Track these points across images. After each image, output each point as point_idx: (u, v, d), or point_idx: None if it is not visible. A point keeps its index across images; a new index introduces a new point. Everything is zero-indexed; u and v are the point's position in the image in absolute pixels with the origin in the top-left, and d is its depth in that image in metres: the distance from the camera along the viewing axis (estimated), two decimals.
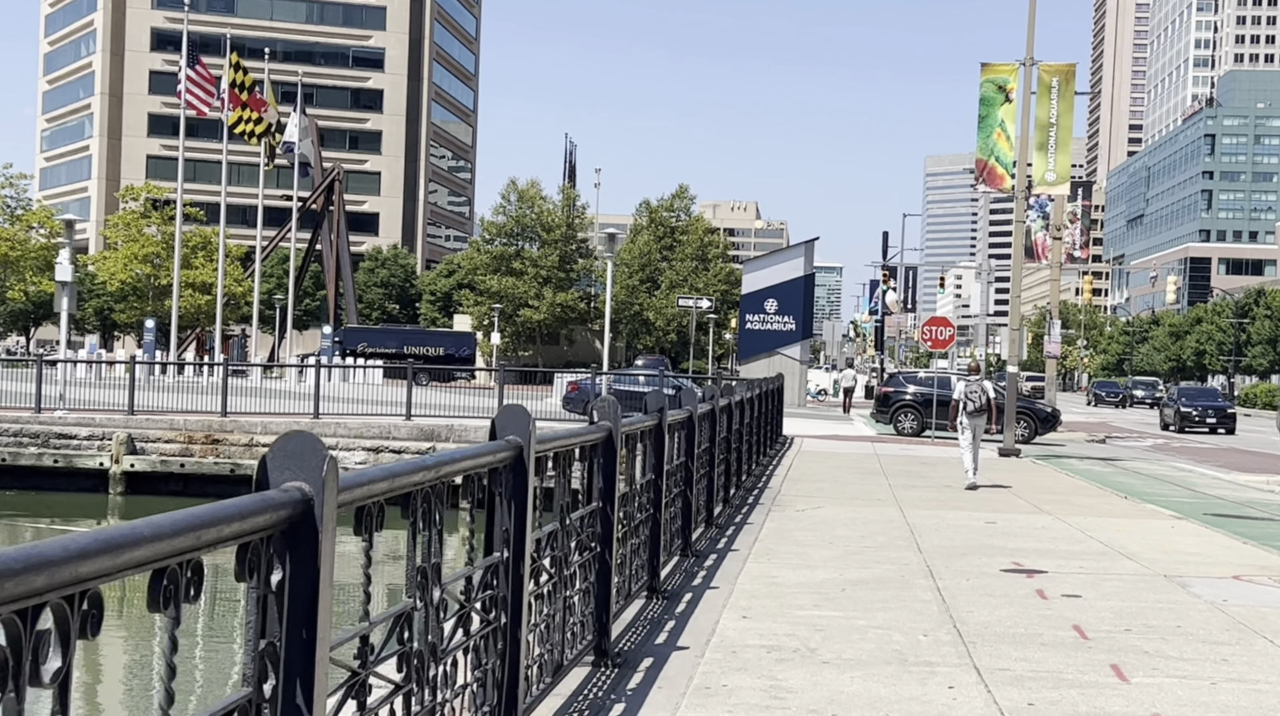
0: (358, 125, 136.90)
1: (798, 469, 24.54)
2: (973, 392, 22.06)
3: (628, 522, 9.07)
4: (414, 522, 4.30)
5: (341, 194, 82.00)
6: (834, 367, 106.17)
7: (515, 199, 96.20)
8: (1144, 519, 17.90)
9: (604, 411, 8.16)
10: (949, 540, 14.66)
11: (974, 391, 22.07)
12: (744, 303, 65.64)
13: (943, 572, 12.17)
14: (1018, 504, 19.36)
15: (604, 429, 7.96)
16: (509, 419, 5.77)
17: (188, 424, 33.68)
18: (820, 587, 11.14)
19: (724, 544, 13.82)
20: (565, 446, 6.87)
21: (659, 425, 10.33)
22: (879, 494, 20.19)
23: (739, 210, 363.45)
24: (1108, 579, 12.10)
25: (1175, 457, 37.12)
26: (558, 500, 6.81)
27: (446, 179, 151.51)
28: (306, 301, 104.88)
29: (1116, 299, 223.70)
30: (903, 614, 10.01)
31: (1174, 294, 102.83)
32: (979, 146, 30.64)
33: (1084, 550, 14.15)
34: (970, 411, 21.89)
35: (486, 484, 5.56)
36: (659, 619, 9.53)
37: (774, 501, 18.37)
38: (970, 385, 22.29)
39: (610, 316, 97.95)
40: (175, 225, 58.81)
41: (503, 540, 5.66)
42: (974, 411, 21.89)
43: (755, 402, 22.11)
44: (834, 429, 41.41)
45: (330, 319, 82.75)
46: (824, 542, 14.12)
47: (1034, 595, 11.07)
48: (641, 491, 9.82)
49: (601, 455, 7.99)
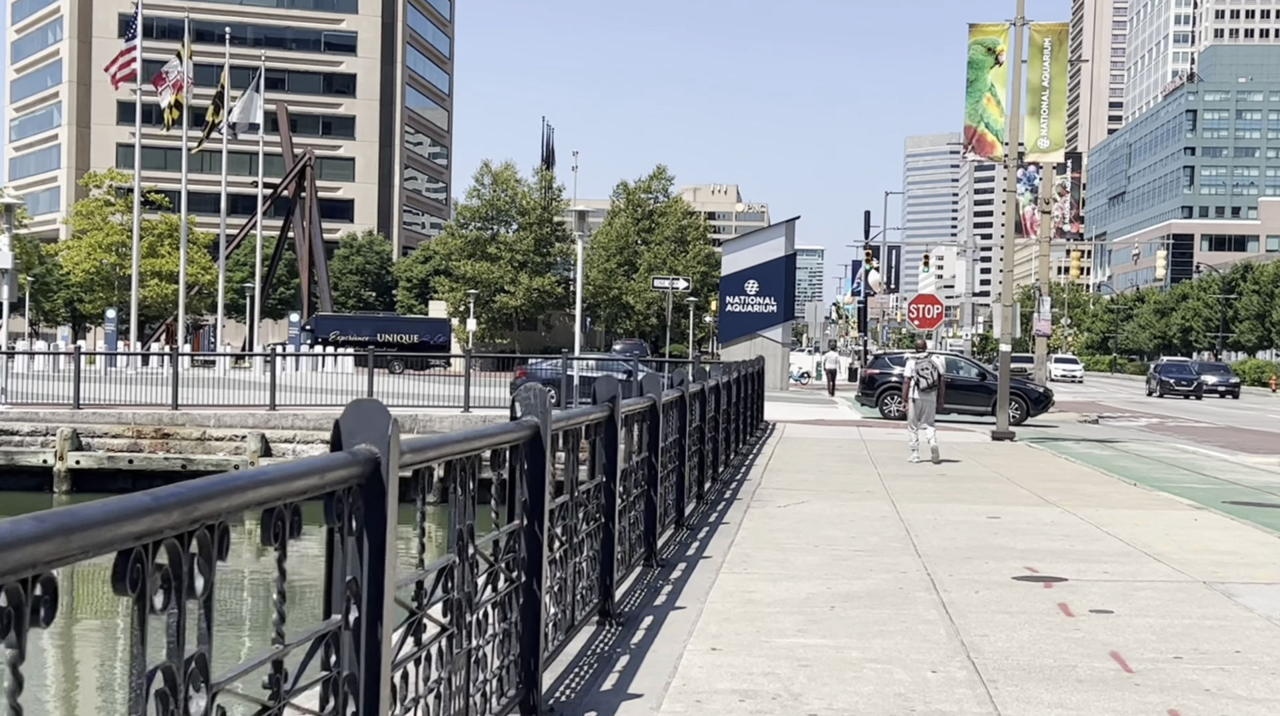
0: (330, 110, 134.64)
1: (780, 457, 22.87)
2: (924, 370, 22.41)
3: (566, 538, 7.38)
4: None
5: (314, 180, 79.96)
6: (816, 350, 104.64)
7: (489, 182, 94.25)
8: (1161, 510, 16.26)
9: (529, 403, 6.45)
10: (950, 540, 13.00)
11: (925, 368, 22.42)
12: (724, 284, 63.89)
13: (947, 582, 10.50)
14: (1020, 495, 17.70)
15: (527, 427, 6.25)
16: (360, 421, 4.05)
17: (137, 418, 31.90)
18: (805, 605, 9.46)
19: (695, 549, 12.13)
20: (467, 451, 5.18)
21: (610, 417, 8.64)
22: (868, 485, 18.52)
23: (719, 193, 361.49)
24: (1139, 587, 10.43)
25: (1173, 438, 35.56)
26: (452, 524, 5.12)
27: (422, 164, 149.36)
28: (281, 289, 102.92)
29: (1099, 277, 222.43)
30: (904, 640, 8.33)
31: (1163, 269, 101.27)
32: (967, 112, 28.94)
33: (1104, 550, 12.49)
34: (922, 388, 22.31)
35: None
36: (609, 654, 7.83)
37: (753, 496, 16.69)
38: (920, 362, 22.61)
39: (587, 300, 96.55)
40: (139, 213, 56.95)
41: None
42: (925, 388, 22.32)
43: (733, 387, 20.43)
44: (818, 413, 39.75)
45: (304, 307, 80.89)
46: (809, 546, 12.44)
47: (1056, 611, 9.40)
48: (589, 498, 8.14)
49: (526, 458, 6.30)
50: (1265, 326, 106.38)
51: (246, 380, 43.44)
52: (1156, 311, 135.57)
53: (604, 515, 8.57)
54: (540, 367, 39.13)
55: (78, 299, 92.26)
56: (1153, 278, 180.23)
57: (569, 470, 7.46)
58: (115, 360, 49.62)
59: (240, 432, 31.39)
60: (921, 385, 22.29)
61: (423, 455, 4.52)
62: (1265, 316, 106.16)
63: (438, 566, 4.87)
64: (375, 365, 38.79)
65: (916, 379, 22.38)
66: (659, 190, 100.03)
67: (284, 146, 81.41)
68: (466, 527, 5.18)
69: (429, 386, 38.85)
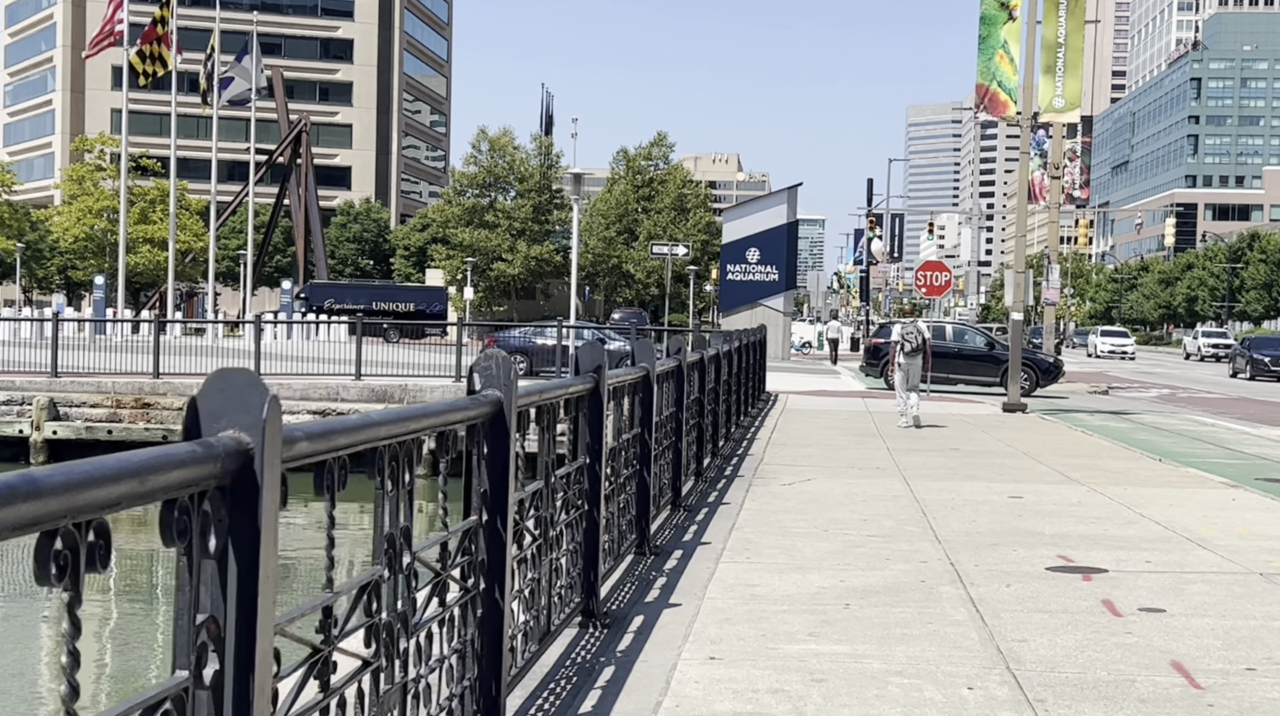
0: (327, 76, 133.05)
1: (783, 431, 21.77)
2: (909, 334, 23.10)
3: (540, 532, 6.29)
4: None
5: (309, 146, 78.69)
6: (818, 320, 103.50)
7: (486, 148, 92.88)
8: (1194, 488, 15.16)
9: (490, 375, 5.33)
10: (971, 523, 11.90)
11: (910, 333, 23.14)
12: (724, 252, 62.72)
13: (973, 574, 9.40)
14: (1040, 472, 16.60)
15: (487, 403, 5.14)
16: (226, 400, 2.92)
17: (116, 386, 30.80)
18: (816, 601, 8.37)
19: (693, 534, 11.04)
20: (401, 435, 4.07)
21: (595, 390, 7.54)
22: (877, 460, 17.42)
23: (720, 162, 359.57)
24: (1188, 580, 9.33)
25: (1187, 409, 34.47)
26: (378, 526, 4.02)
27: (421, 131, 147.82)
28: (278, 258, 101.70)
29: (1102, 247, 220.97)
30: (931, 646, 7.24)
31: (1172, 237, 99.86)
32: (979, 70, 27.68)
33: (1141, 535, 11.39)
34: (908, 352, 22.93)
35: None
36: (591, 664, 6.74)
37: (756, 472, 15.59)
38: (906, 327, 23.43)
39: (586, 268, 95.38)
40: (125, 178, 55.71)
41: None
42: (910, 352, 22.93)
43: (734, 357, 19.33)
44: (821, 384, 38.63)
45: (300, 275, 79.72)
46: (817, 530, 11.34)
47: (1101, 609, 8.30)
48: (569, 483, 7.04)
49: (486, 440, 5.19)
50: (1272, 295, 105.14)
51: (238, 348, 42.37)
52: (1161, 281, 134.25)
53: (587, 501, 7.48)
54: (511, 336, 37.94)
55: (71, 266, 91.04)
56: (1156, 247, 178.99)
57: (544, 452, 6.36)
58: (104, 327, 48.55)
59: None
60: (906, 349, 22.89)
61: (327, 442, 3.41)
62: (1272, 285, 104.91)
63: (356, 583, 3.77)
64: (372, 334, 37.67)
65: (901, 343, 23.04)
66: (659, 157, 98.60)
67: (279, 112, 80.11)
68: (400, 531, 4.07)
69: (422, 355, 37.73)
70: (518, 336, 37.59)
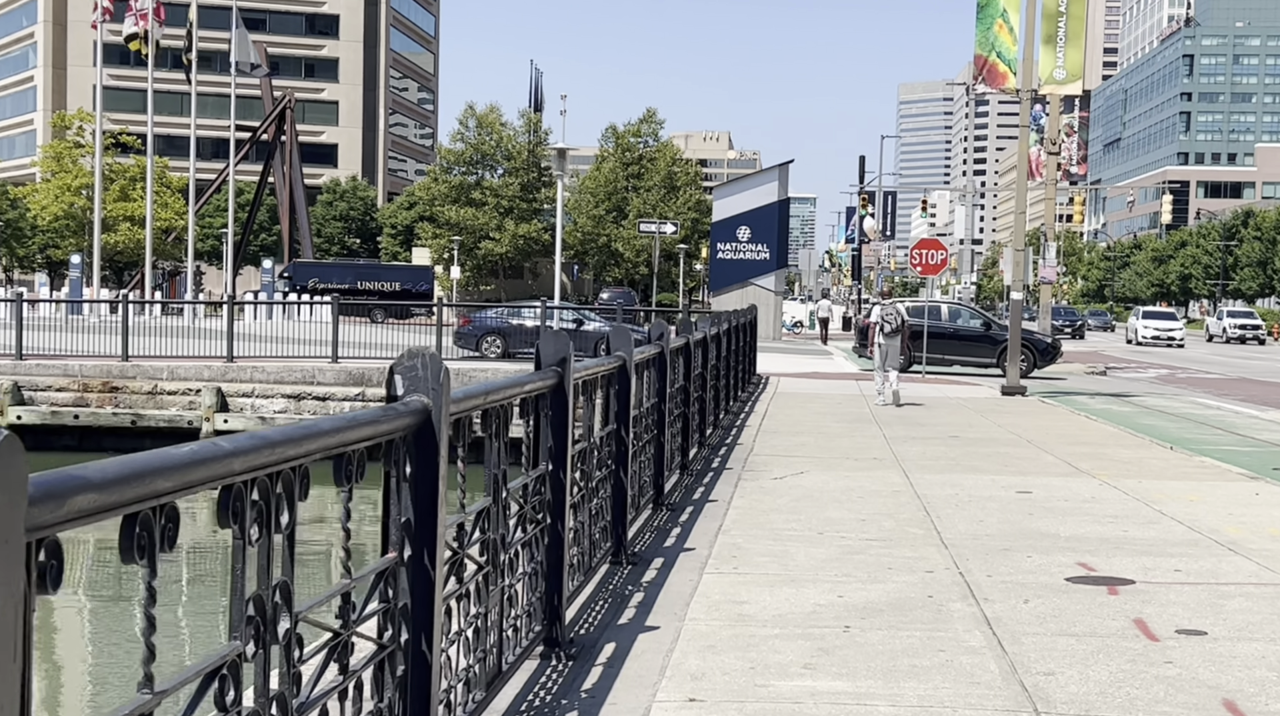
0: (313, 52, 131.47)
1: (774, 417, 20.80)
2: (888, 315, 23.71)
3: (488, 559, 5.30)
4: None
5: (294, 123, 77.38)
6: (810, 299, 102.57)
7: (474, 125, 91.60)
8: (1213, 480, 14.21)
9: (415, 377, 4.33)
10: (979, 524, 10.94)
11: (889, 314, 23.78)
12: (715, 231, 61.76)
13: (985, 587, 8.44)
14: (1047, 462, 15.64)
15: (410, 413, 4.15)
16: None
17: (84, 369, 29.75)
18: (812, 623, 7.39)
19: (675, 538, 10.07)
20: (280, 463, 3.11)
21: (559, 386, 6.55)
22: (874, 450, 16.46)
23: (711, 140, 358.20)
24: (1227, 594, 8.37)
25: (1188, 391, 33.57)
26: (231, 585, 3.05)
27: (409, 108, 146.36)
28: (263, 236, 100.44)
29: (1093, 225, 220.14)
30: (945, 681, 6.27)
31: (1169, 214, 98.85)
32: (977, 41, 26.63)
33: (1165, 538, 10.44)
34: (887, 332, 23.37)
35: None
36: (550, 710, 5.77)
37: (745, 464, 14.63)
38: (885, 308, 24.28)
39: (575, 247, 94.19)
40: (100, 154, 54.53)
41: None
42: (890, 333, 23.38)
43: (723, 340, 18.34)
44: (813, 365, 37.66)
45: (285, 254, 78.53)
46: (812, 533, 10.38)
47: (1134, 631, 7.34)
48: (525, 496, 6.06)
49: (410, 458, 4.20)
50: (1267, 273, 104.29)
51: (217, 329, 41.30)
52: (1154, 259, 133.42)
53: (550, 514, 6.49)
54: (486, 316, 36.87)
55: (53, 245, 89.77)
56: (1148, 225, 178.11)
57: (492, 464, 5.38)
58: (81, 308, 47.41)
59: (195, 386, 29.25)
60: (885, 330, 23.31)
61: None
62: (1267, 263, 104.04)
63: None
64: (358, 314, 36.59)
65: (880, 324, 23.51)
66: (649, 134, 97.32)
67: (263, 89, 78.77)
68: (276, 587, 3.12)
69: (407, 336, 36.80)
70: (493, 316, 36.55)
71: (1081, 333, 78.46)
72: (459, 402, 4.61)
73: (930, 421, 20.65)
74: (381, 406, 4.14)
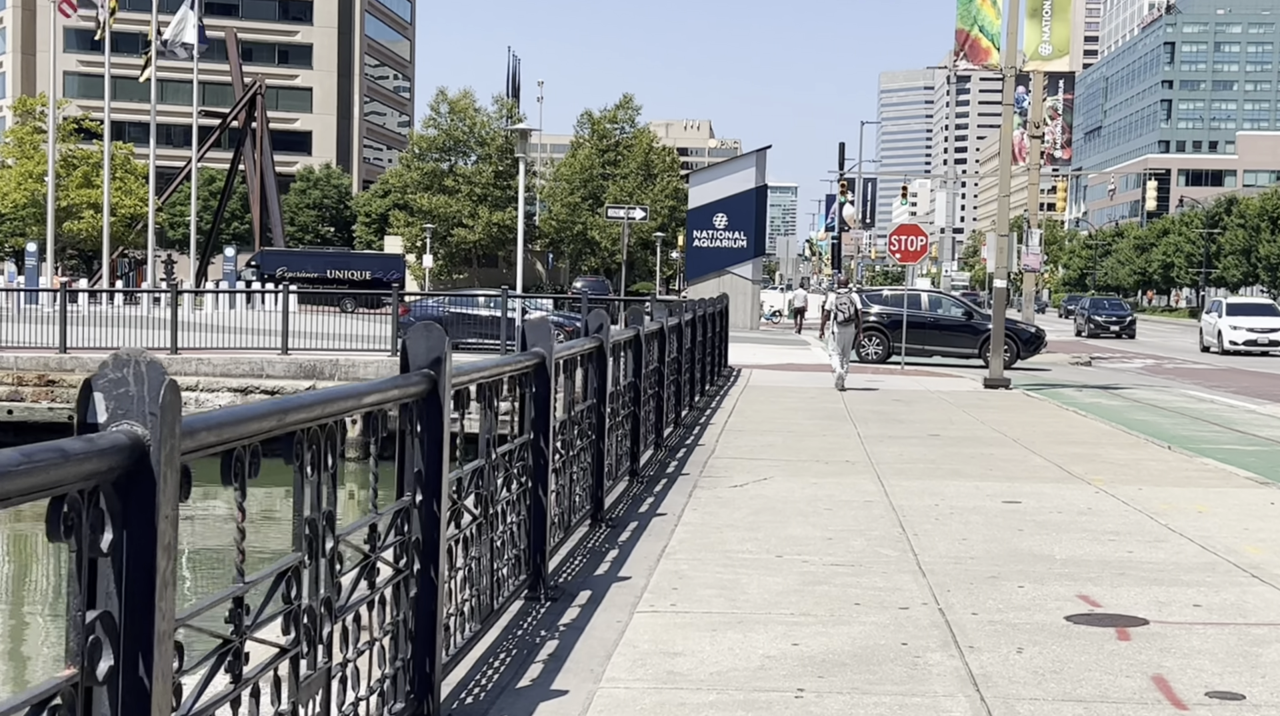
0: (286, 38, 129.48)
1: (742, 413, 19.40)
2: (842, 304, 23.73)
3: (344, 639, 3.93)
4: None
5: (264, 109, 75.73)
6: (789, 288, 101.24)
7: (446, 111, 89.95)
8: (1220, 487, 12.85)
9: (123, 398, 2.92)
10: (961, 543, 9.55)
11: (844, 303, 23.75)
12: (691, 218, 60.30)
13: (970, 628, 7.04)
14: (1035, 465, 14.27)
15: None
16: None
17: (19, 362, 28.26)
18: (756, 685, 5.98)
19: (610, 564, 8.65)
20: None
21: (432, 392, 5.13)
22: (846, 451, 15.07)
23: (692, 129, 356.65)
24: (1261, 639, 6.97)
25: (1177, 382, 32.32)
26: None
27: (384, 95, 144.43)
28: (235, 224, 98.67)
29: (1075, 212, 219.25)
30: None
31: (1154, 201, 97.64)
32: (959, 15, 25.24)
33: (1177, 560, 9.05)
34: (840, 321, 23.63)
35: None
36: None
37: (703, 469, 13.22)
38: (840, 297, 24.01)
39: (550, 236, 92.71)
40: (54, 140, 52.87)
41: None
42: (844, 321, 23.64)
43: (684, 331, 16.93)
44: (788, 356, 36.26)
45: (256, 242, 76.94)
46: (769, 556, 8.98)
47: (1154, 695, 5.94)
48: (395, 527, 4.66)
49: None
50: (1250, 262, 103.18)
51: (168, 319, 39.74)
52: (1137, 247, 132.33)
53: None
54: (426, 305, 35.45)
55: (18, 233, 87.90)
56: (1129, 213, 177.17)
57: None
58: (37, 297, 45.77)
59: None
60: (839, 318, 23.59)
61: None
62: (1250, 251, 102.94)
63: None
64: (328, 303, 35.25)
65: (835, 313, 23.67)
66: (625, 120, 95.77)
67: (234, 75, 77.13)
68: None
69: (370, 327, 35.29)
70: (433, 305, 35.16)
71: (1131, 330, 63.07)
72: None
73: (908, 417, 19.28)
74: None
